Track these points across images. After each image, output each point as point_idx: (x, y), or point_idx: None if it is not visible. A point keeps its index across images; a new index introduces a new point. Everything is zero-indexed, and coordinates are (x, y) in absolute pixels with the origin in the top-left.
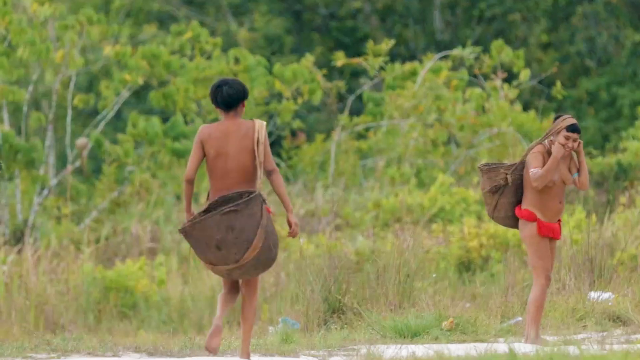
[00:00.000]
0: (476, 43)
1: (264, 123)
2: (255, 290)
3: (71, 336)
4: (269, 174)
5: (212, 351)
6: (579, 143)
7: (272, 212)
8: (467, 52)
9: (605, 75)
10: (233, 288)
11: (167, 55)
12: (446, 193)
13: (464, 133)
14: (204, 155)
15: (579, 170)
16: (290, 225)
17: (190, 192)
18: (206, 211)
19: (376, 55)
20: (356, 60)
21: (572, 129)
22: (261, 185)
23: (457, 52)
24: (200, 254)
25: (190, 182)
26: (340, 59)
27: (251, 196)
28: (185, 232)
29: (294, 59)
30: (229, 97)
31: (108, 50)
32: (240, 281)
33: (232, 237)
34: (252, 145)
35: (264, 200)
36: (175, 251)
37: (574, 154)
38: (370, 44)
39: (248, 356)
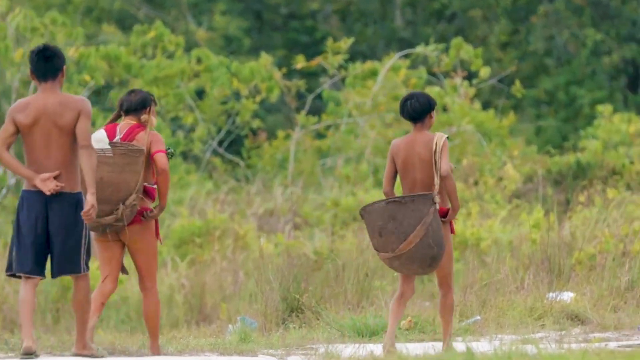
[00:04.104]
0: (436, 42)
1: (445, 136)
2: (448, 289)
3: None
4: (442, 179)
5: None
6: None
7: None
8: (430, 49)
9: (564, 75)
10: (406, 291)
11: (126, 57)
12: None
13: None
14: (396, 168)
15: None
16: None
17: None
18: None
19: (335, 53)
20: (315, 62)
21: None
22: (437, 190)
23: (420, 49)
24: (370, 239)
25: (388, 195)
26: (300, 62)
27: (419, 194)
28: (361, 215)
29: (253, 58)
30: (413, 111)
31: (72, 52)
32: (437, 280)
33: (392, 226)
34: (431, 156)
35: (434, 203)
36: None
37: None
38: (329, 42)
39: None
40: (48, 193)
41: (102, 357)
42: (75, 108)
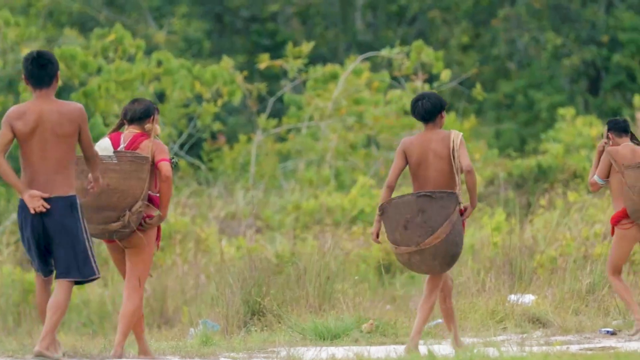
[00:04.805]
0: (398, 45)
1: (461, 134)
2: (434, 288)
3: None
4: (466, 173)
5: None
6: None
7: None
8: (395, 52)
9: (524, 78)
10: (443, 287)
11: (83, 56)
12: (366, 195)
13: (384, 135)
14: (406, 164)
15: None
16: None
17: (387, 197)
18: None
19: (296, 57)
20: (279, 63)
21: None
22: (459, 189)
23: (385, 52)
24: (389, 233)
25: (391, 188)
26: (264, 61)
27: (449, 192)
28: (383, 209)
29: (214, 61)
30: (424, 111)
31: (26, 52)
32: (426, 278)
33: (420, 219)
34: (448, 153)
35: (459, 203)
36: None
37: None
38: (289, 47)
39: (416, 347)
40: (32, 212)
41: None
42: (75, 120)
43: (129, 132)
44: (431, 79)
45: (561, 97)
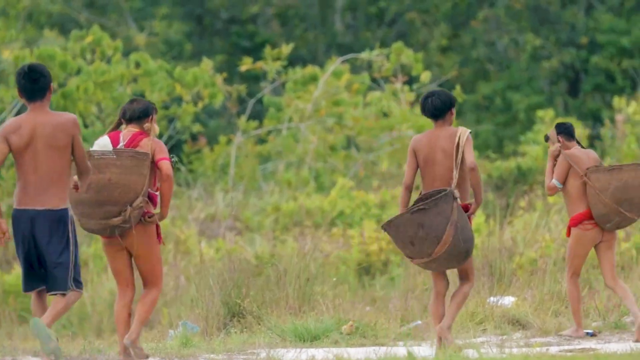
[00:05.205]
0: (377, 47)
1: (468, 131)
2: (467, 280)
3: None
4: (469, 171)
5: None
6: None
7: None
8: (375, 54)
9: (502, 80)
10: (440, 289)
11: (62, 56)
12: (346, 197)
13: (364, 136)
14: (417, 163)
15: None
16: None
17: (406, 197)
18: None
19: (275, 59)
20: (260, 65)
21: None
22: (456, 184)
23: (365, 55)
24: (401, 249)
25: (408, 188)
26: (246, 64)
27: (439, 195)
28: (385, 229)
29: (195, 63)
30: (434, 108)
31: (7, 54)
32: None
33: (422, 233)
34: (453, 149)
35: (455, 198)
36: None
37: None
38: (267, 49)
39: (448, 330)
40: None
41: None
42: (68, 131)
43: (127, 131)
44: (411, 80)
45: (540, 99)
